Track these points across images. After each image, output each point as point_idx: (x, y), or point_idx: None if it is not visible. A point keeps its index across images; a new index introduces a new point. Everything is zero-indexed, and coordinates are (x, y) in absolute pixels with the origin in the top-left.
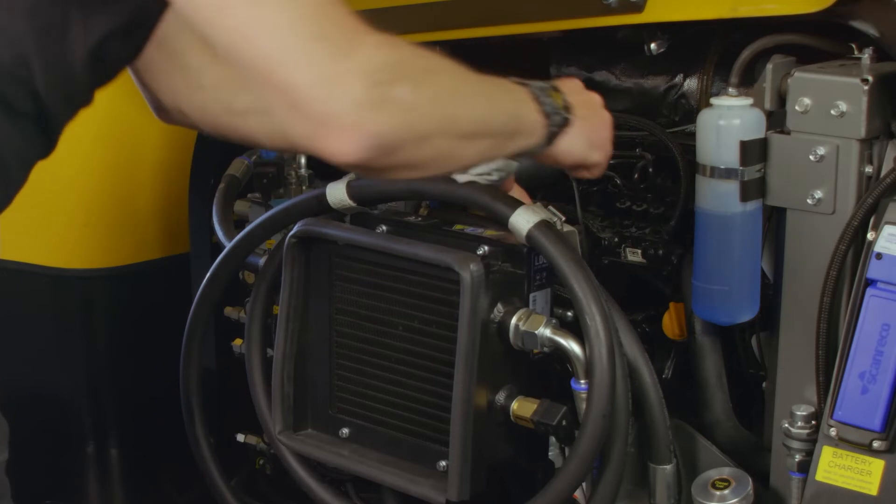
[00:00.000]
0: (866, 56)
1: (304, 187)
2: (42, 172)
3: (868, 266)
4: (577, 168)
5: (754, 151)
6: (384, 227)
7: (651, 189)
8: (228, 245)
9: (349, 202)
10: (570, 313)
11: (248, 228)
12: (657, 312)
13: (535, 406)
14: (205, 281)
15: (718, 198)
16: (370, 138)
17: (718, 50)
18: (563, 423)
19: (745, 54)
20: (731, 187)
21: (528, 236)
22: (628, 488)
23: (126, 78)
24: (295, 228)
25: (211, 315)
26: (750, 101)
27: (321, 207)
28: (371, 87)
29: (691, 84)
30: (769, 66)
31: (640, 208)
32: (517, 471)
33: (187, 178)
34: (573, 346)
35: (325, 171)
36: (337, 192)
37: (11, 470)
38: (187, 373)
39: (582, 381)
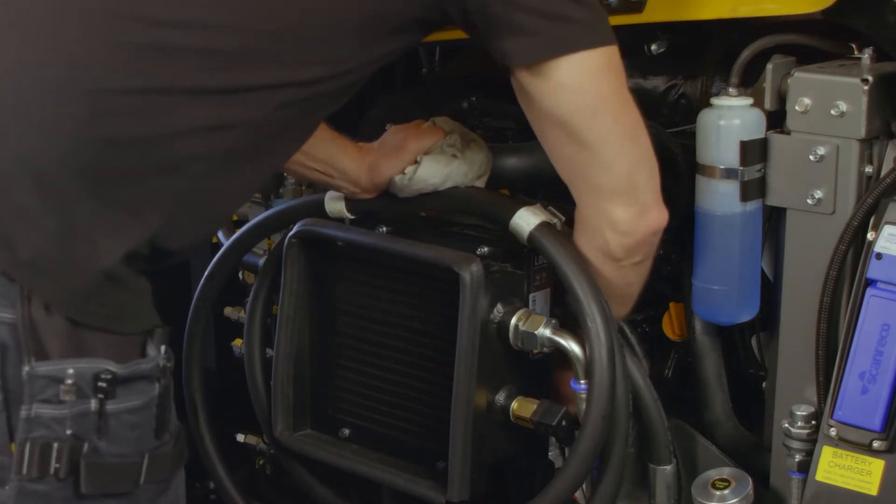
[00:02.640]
0: (866, 56)
1: (303, 188)
2: None
3: (868, 266)
4: None
5: (754, 151)
6: (384, 228)
7: None
8: (225, 245)
9: (347, 215)
10: None
11: (244, 229)
12: (657, 312)
13: (534, 406)
14: (202, 280)
15: (718, 198)
16: (633, 249)
17: (718, 50)
18: (563, 423)
19: (745, 54)
20: (731, 187)
21: (530, 238)
22: (628, 488)
23: None
24: (295, 229)
25: (210, 313)
26: (750, 101)
27: (319, 213)
28: (650, 237)
29: (691, 84)
30: (769, 66)
31: None
32: (517, 471)
33: None
34: (573, 347)
35: None
36: (335, 205)
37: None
38: (189, 370)
39: (582, 382)
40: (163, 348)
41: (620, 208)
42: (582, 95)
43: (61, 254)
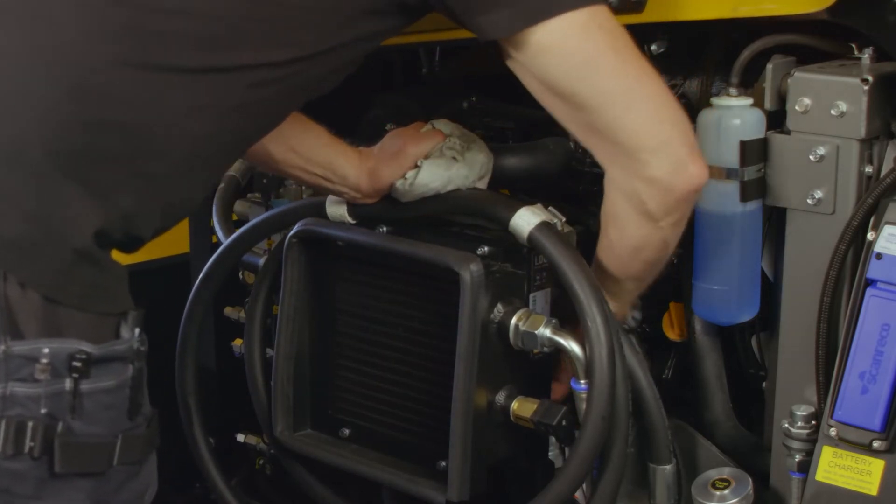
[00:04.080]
0: (866, 56)
1: (303, 189)
2: None
3: (868, 266)
4: None
5: (754, 151)
6: (384, 228)
7: None
8: (222, 246)
9: (349, 219)
10: None
11: (242, 229)
12: (657, 312)
13: (535, 406)
14: (198, 280)
15: (718, 198)
16: (673, 207)
17: (718, 50)
18: (563, 423)
19: (745, 54)
20: (731, 187)
21: (530, 238)
22: (628, 488)
23: None
24: (295, 228)
25: (206, 314)
26: (750, 101)
27: (320, 217)
28: (691, 194)
29: (691, 84)
30: (769, 66)
31: None
32: (517, 471)
33: None
34: (573, 347)
35: None
36: (337, 209)
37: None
38: (183, 372)
39: (582, 382)
40: (136, 331)
41: (654, 165)
42: (568, 56)
43: (37, 232)
